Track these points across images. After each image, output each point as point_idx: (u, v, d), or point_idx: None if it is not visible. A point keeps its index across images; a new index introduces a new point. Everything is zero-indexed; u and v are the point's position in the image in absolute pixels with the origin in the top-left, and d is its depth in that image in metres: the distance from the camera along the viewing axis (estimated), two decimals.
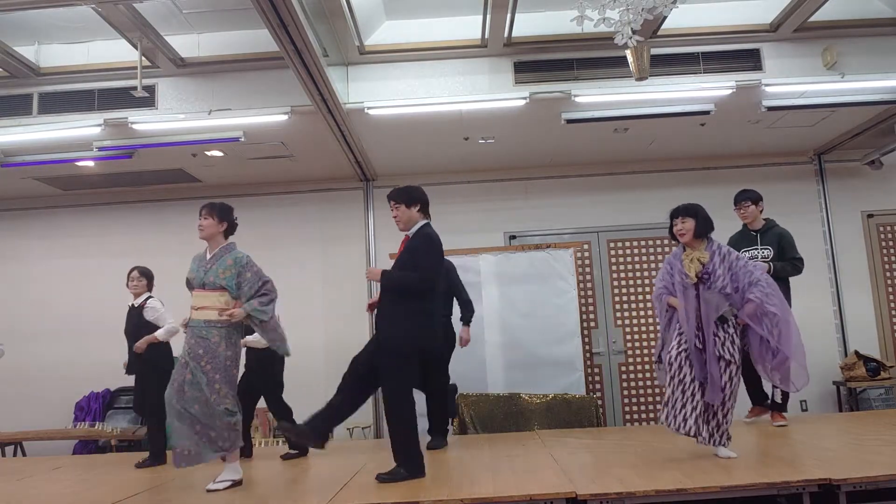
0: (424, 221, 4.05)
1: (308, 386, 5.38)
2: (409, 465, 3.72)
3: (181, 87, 5.77)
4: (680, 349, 3.91)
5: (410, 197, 4.01)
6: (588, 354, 7.06)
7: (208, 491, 3.75)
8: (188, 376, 3.81)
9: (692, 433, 3.83)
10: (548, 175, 7.55)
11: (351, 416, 7.30)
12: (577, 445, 4.66)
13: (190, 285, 4.04)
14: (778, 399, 5.08)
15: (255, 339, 4.62)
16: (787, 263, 5.04)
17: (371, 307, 5.11)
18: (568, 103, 5.79)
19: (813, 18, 5.46)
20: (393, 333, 3.81)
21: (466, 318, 5.31)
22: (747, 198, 5.18)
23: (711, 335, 3.85)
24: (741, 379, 3.96)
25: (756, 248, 5.13)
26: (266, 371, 4.97)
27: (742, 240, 5.18)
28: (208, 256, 4.03)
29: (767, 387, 5.07)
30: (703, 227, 4.01)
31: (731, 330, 3.90)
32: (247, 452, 5.01)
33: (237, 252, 4.04)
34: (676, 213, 4.06)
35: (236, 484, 3.83)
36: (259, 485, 4.06)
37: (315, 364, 5.40)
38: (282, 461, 4.85)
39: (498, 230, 7.38)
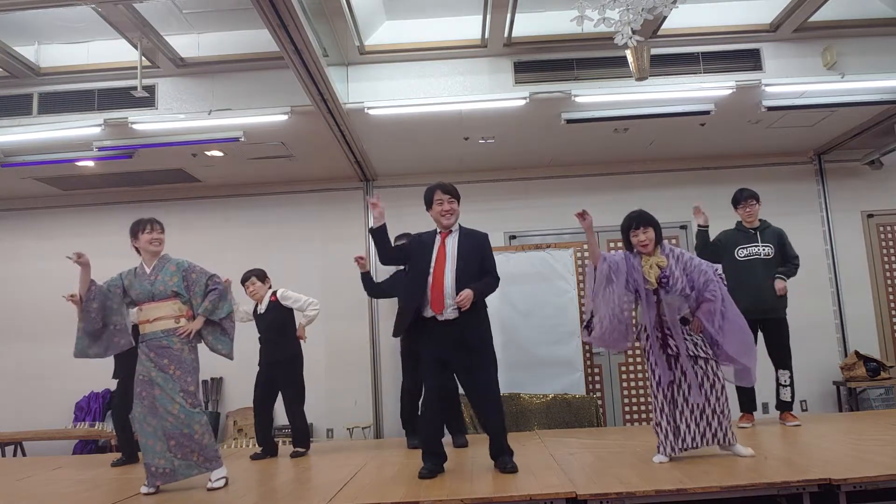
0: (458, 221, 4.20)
1: (308, 386, 5.36)
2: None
3: (181, 87, 5.77)
4: (664, 381, 3.92)
5: (459, 195, 4.15)
6: (588, 354, 7.05)
7: (209, 490, 3.78)
8: (157, 392, 3.82)
9: (708, 443, 3.89)
10: (548, 175, 7.55)
11: (351, 417, 7.33)
12: (577, 445, 4.67)
13: (133, 302, 4.00)
14: (785, 398, 5.10)
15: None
16: (792, 267, 5.19)
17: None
18: (568, 103, 5.79)
19: (813, 18, 5.45)
20: (486, 333, 3.99)
21: None
22: (753, 196, 5.20)
23: (682, 338, 3.89)
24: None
25: (757, 246, 5.14)
26: (297, 377, 5.08)
27: (739, 237, 5.19)
28: (147, 271, 4.01)
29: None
30: (660, 234, 4.04)
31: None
32: (272, 452, 5.07)
33: (176, 258, 4.09)
34: (638, 223, 4.01)
35: (227, 481, 3.92)
36: (260, 484, 4.07)
37: (315, 363, 5.40)
38: (270, 461, 4.85)
39: (498, 230, 7.38)
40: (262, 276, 5.16)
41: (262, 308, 5.10)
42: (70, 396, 7.06)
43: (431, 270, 3.96)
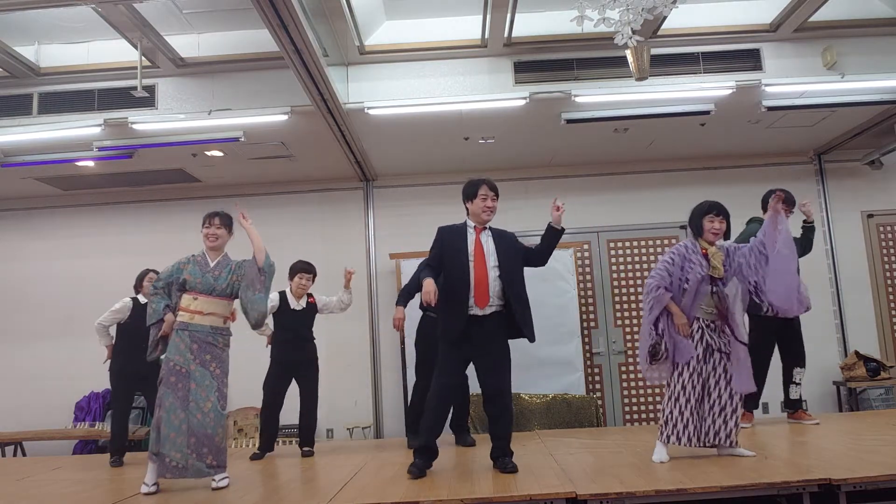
0: None
1: None
2: None
3: (181, 87, 5.77)
4: (692, 371, 3.91)
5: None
6: (588, 354, 7.06)
7: (214, 489, 3.78)
8: (192, 386, 3.82)
9: (721, 441, 3.90)
10: (548, 175, 7.55)
11: (351, 417, 7.33)
12: (577, 445, 4.67)
13: (184, 287, 3.98)
14: (795, 396, 5.12)
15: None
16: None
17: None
18: (568, 103, 5.79)
19: (813, 18, 5.46)
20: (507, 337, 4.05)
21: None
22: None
23: (728, 332, 3.90)
24: None
25: None
26: (317, 375, 5.22)
27: None
28: (211, 264, 4.04)
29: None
30: (730, 232, 4.07)
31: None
32: (270, 449, 5.09)
33: (235, 260, 4.15)
34: (718, 211, 3.98)
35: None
36: (260, 484, 4.07)
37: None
38: (270, 461, 4.85)
39: None
40: (315, 276, 5.30)
41: (298, 305, 5.18)
42: (70, 396, 7.06)
43: (472, 267, 3.96)
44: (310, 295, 5.25)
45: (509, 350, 4.03)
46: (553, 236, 4.12)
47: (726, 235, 4.04)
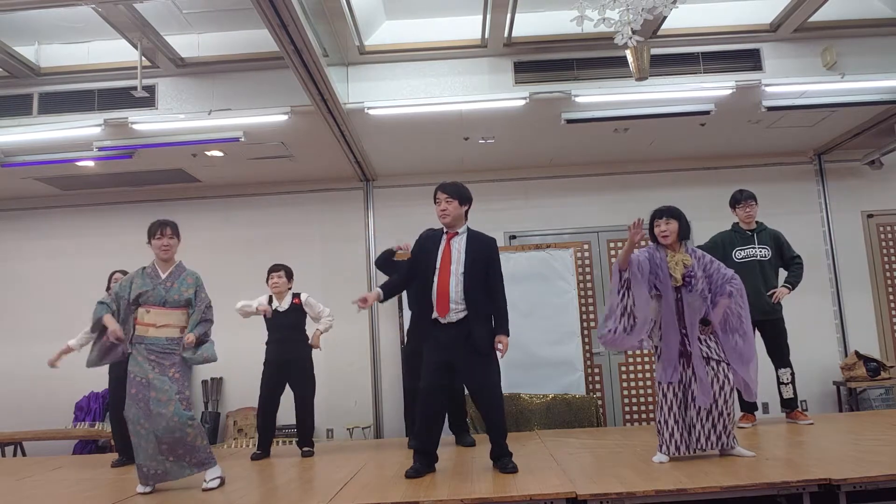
0: (467, 224, 4.10)
1: None
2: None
3: (181, 87, 5.77)
4: (674, 381, 3.91)
5: (463, 196, 4.04)
6: (588, 354, 7.05)
7: (204, 490, 3.78)
8: (152, 394, 3.80)
9: (713, 446, 3.90)
10: (548, 175, 7.55)
11: (351, 417, 7.33)
12: (577, 445, 4.67)
13: (137, 301, 3.95)
14: (788, 396, 5.13)
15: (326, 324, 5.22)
16: (796, 272, 5.18)
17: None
18: (568, 103, 5.79)
19: (813, 18, 5.45)
20: (491, 336, 3.96)
21: None
22: (752, 197, 5.23)
23: (696, 338, 3.88)
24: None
25: (754, 247, 5.16)
26: (312, 374, 5.20)
27: (736, 239, 5.20)
28: (163, 275, 4.00)
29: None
30: (686, 229, 4.05)
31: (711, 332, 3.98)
32: (265, 451, 5.06)
33: (191, 270, 4.11)
34: (661, 214, 4.05)
35: (223, 481, 3.92)
36: (260, 484, 4.07)
37: (315, 364, 5.38)
38: (270, 461, 4.85)
39: (498, 230, 7.36)
40: (290, 273, 5.24)
41: (282, 306, 5.16)
42: (70, 396, 7.06)
43: (437, 274, 3.94)
44: (295, 295, 5.21)
45: (491, 351, 3.96)
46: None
47: (683, 235, 4.03)
